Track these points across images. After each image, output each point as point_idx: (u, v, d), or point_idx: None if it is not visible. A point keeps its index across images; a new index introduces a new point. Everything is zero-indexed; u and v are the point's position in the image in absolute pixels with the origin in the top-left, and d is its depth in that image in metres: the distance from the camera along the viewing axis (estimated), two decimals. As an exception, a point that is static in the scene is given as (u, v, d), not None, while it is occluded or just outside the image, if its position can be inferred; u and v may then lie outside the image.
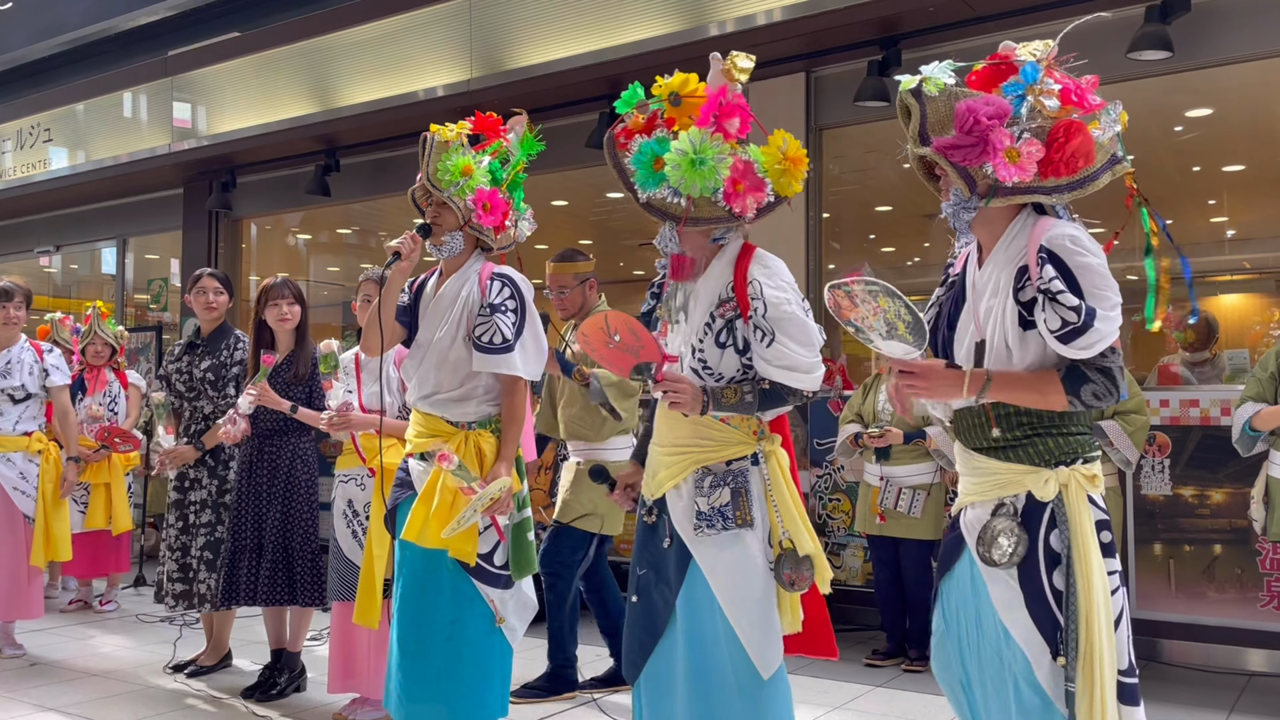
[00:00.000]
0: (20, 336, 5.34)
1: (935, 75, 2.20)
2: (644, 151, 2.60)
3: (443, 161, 3.22)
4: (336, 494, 4.19)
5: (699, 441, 2.69)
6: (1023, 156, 2.13)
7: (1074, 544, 2.15)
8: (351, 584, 4.06)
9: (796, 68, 6.34)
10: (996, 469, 2.24)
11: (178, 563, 4.75)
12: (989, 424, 2.24)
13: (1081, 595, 2.13)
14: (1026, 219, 2.25)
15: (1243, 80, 5.90)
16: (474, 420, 3.28)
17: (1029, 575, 2.18)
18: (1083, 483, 2.19)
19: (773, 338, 2.61)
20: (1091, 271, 2.11)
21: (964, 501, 2.33)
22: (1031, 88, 2.18)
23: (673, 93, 2.65)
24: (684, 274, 2.69)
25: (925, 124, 2.18)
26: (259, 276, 9.65)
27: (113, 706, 4.43)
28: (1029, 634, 2.16)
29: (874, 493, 5.12)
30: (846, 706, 4.42)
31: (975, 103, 2.15)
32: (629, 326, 2.58)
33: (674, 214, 2.61)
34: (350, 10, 7.62)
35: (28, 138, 10.04)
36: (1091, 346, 2.09)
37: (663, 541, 2.73)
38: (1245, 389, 4.32)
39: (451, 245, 3.31)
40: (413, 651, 3.19)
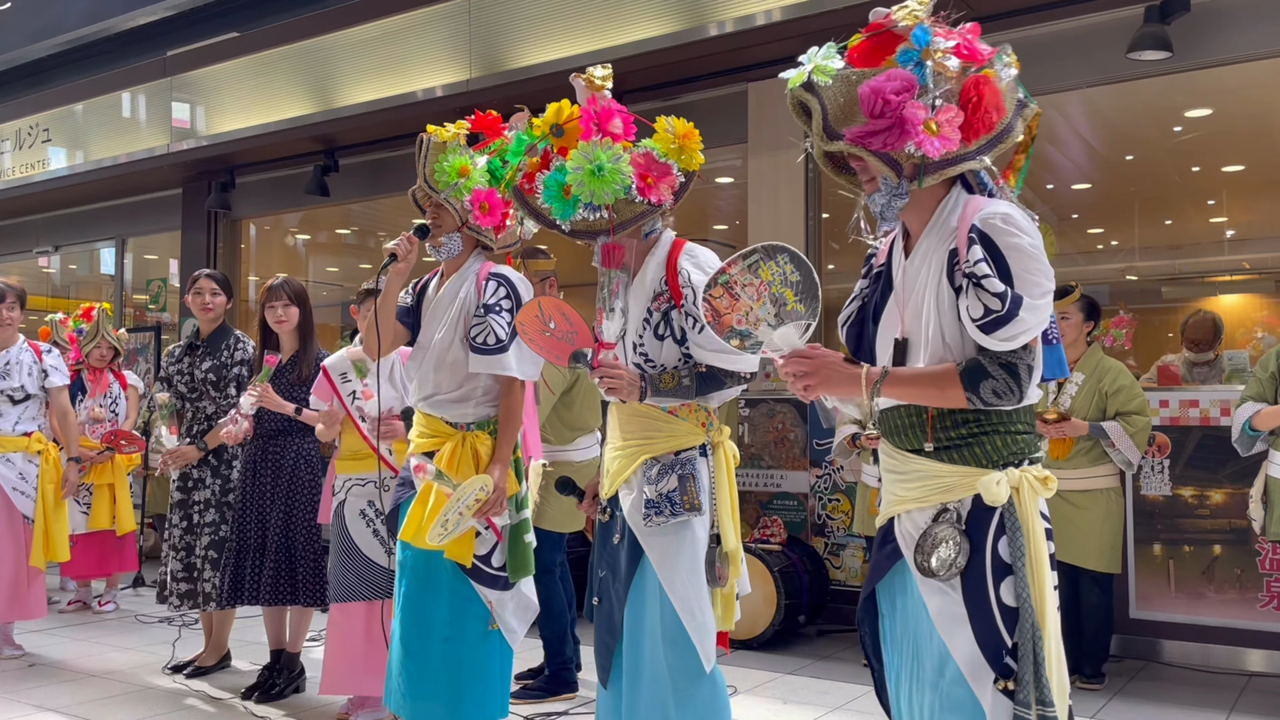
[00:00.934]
0: (18, 337, 5.33)
1: (822, 62, 2.02)
2: (549, 185, 2.66)
3: (439, 162, 3.22)
4: (350, 495, 4.13)
5: (648, 435, 2.73)
6: (942, 125, 1.96)
7: (1029, 552, 1.97)
8: (373, 584, 4.03)
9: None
10: (939, 471, 2.04)
11: (182, 562, 4.75)
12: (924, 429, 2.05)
13: (1038, 609, 1.95)
14: (957, 198, 2.08)
15: (1242, 80, 5.90)
16: (472, 421, 3.27)
17: (973, 587, 1.98)
18: (1035, 485, 2.01)
19: (702, 323, 2.63)
20: (1022, 254, 1.93)
21: (895, 509, 2.12)
22: (927, 50, 2.00)
23: (553, 125, 2.72)
24: (614, 261, 2.72)
25: (828, 117, 2.00)
26: (258, 277, 9.65)
27: (112, 707, 4.42)
28: (971, 652, 1.97)
29: (872, 494, 5.11)
30: (845, 707, 4.42)
31: (878, 82, 1.96)
32: (561, 311, 2.63)
33: (600, 229, 2.67)
34: (349, 10, 7.62)
35: (26, 138, 10.03)
36: (1015, 338, 1.92)
37: (613, 537, 2.77)
38: (1245, 389, 4.32)
39: (450, 246, 3.31)
40: (413, 651, 3.19)
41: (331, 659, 4.10)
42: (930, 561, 1.99)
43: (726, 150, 6.94)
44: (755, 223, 6.46)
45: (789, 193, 6.35)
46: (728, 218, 8.42)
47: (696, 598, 2.66)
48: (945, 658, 2.01)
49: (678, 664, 2.65)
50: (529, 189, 2.75)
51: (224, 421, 4.51)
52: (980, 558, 1.99)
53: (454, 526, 3.07)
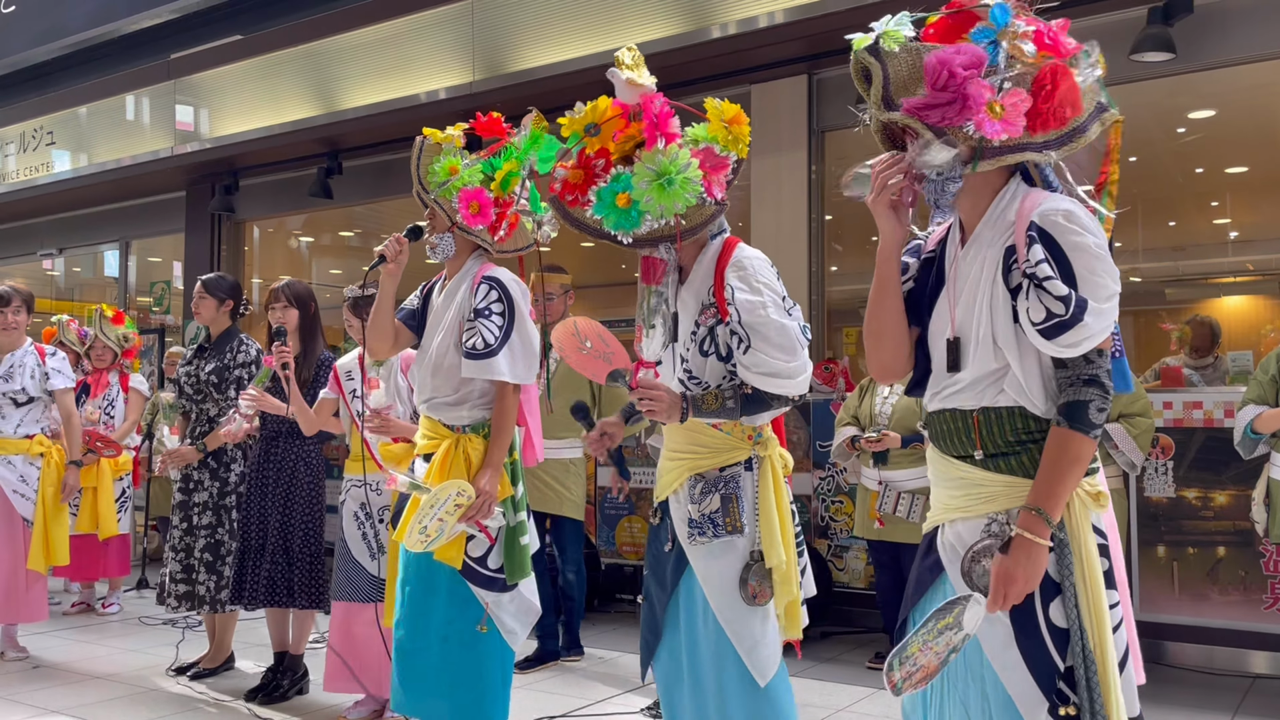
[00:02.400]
0: (25, 340, 5.33)
1: (893, 28, 1.90)
2: (604, 200, 2.47)
3: (432, 164, 3.19)
4: (347, 496, 4.17)
5: (693, 449, 2.66)
6: (1007, 109, 1.84)
7: (1080, 571, 1.86)
8: (358, 585, 4.07)
9: (799, 70, 6.34)
10: (984, 480, 1.93)
11: (181, 564, 4.76)
12: (972, 435, 1.95)
13: (1090, 631, 1.84)
14: (1016, 189, 1.95)
15: (1245, 82, 5.89)
16: (467, 424, 3.24)
17: (1022, 608, 1.86)
18: (1086, 500, 1.90)
19: (749, 344, 2.53)
20: (1087, 254, 1.82)
21: (941, 518, 2.00)
22: (1004, 31, 1.88)
23: (589, 125, 2.55)
24: (655, 277, 2.63)
25: (889, 85, 1.88)
26: (261, 279, 9.66)
27: (115, 709, 4.43)
28: (1021, 678, 1.85)
29: (872, 497, 5.10)
30: (849, 709, 4.42)
31: (946, 54, 1.85)
32: (597, 333, 2.57)
33: (667, 235, 2.52)
34: (353, 13, 7.63)
35: (31, 140, 10.06)
36: (1079, 344, 1.81)
37: (664, 545, 2.74)
38: (1246, 391, 4.31)
39: (442, 248, 3.25)
40: (411, 650, 3.20)
41: (329, 656, 4.15)
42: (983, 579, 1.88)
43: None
44: (758, 224, 6.46)
45: (792, 195, 6.35)
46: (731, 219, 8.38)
47: (741, 616, 2.59)
48: (995, 682, 1.90)
49: (730, 679, 2.60)
50: (573, 200, 2.57)
51: (224, 421, 4.53)
52: None
53: (437, 533, 3.03)
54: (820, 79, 6.41)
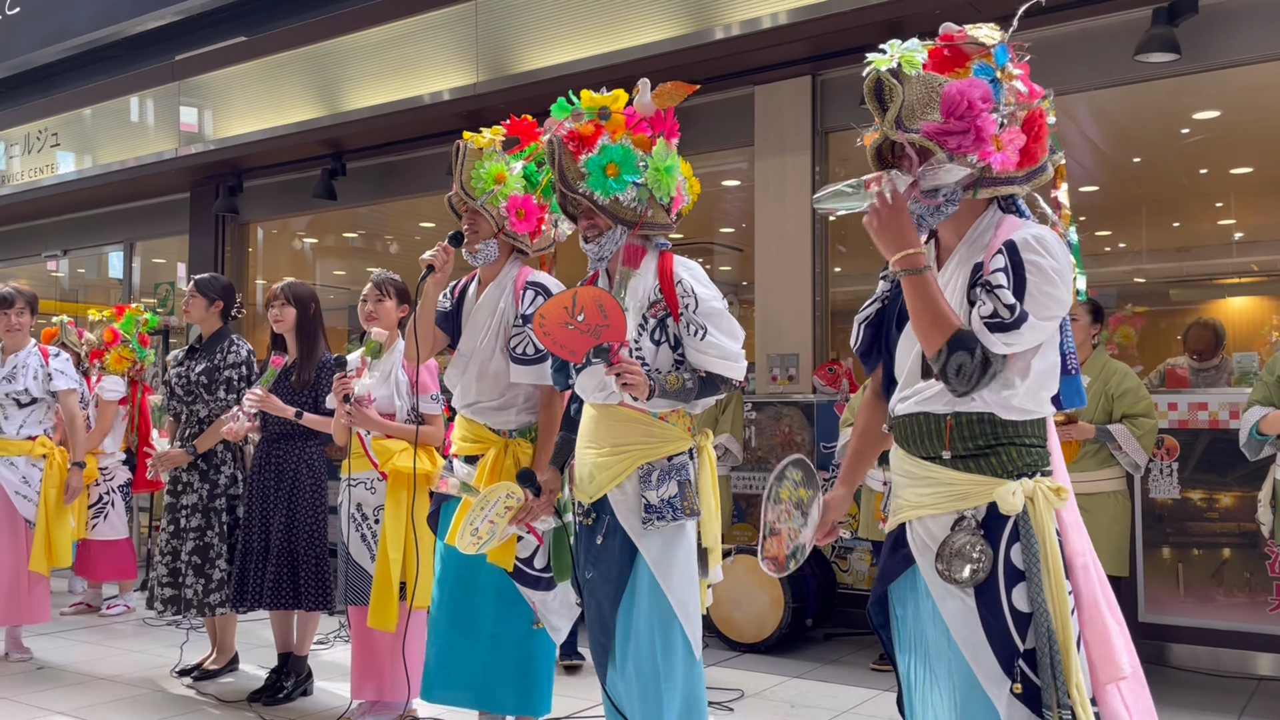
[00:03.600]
0: (29, 341, 5.33)
1: (910, 53, 2.05)
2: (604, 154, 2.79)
3: (476, 169, 3.23)
4: (344, 498, 4.18)
5: (643, 439, 2.83)
6: (1006, 144, 2.01)
7: (1044, 559, 2.01)
8: (360, 589, 4.06)
9: (802, 71, 6.34)
10: (954, 479, 2.08)
11: (168, 567, 4.71)
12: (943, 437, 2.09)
13: (1054, 614, 1.99)
14: (993, 216, 2.12)
15: (1250, 82, 5.88)
16: (514, 429, 3.34)
17: (987, 593, 2.02)
18: (1050, 496, 2.05)
19: (705, 331, 2.79)
20: (1041, 272, 1.97)
21: (908, 515, 2.16)
22: (1003, 70, 2.06)
23: (603, 108, 2.86)
24: (635, 261, 2.88)
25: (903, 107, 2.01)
26: (265, 280, 9.67)
27: (120, 710, 4.43)
28: (985, 658, 2.01)
29: (877, 498, 5.10)
30: (853, 711, 4.41)
31: (965, 85, 2.00)
32: (599, 302, 2.64)
33: (628, 219, 2.82)
34: (357, 15, 7.64)
35: (35, 142, 10.07)
36: (1012, 345, 1.97)
37: (598, 539, 2.86)
38: (1252, 393, 4.30)
39: (486, 252, 3.33)
40: (456, 645, 3.29)
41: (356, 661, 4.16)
42: (961, 573, 2.02)
43: (732, 153, 6.94)
44: (761, 226, 6.45)
45: (795, 195, 6.34)
46: (734, 220, 8.42)
47: (691, 593, 2.82)
48: (961, 662, 2.04)
49: (670, 654, 2.77)
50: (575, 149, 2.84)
51: (225, 418, 4.51)
52: (995, 563, 2.03)
53: (488, 535, 3.09)
54: (824, 80, 6.41)
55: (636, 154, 2.80)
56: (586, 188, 2.79)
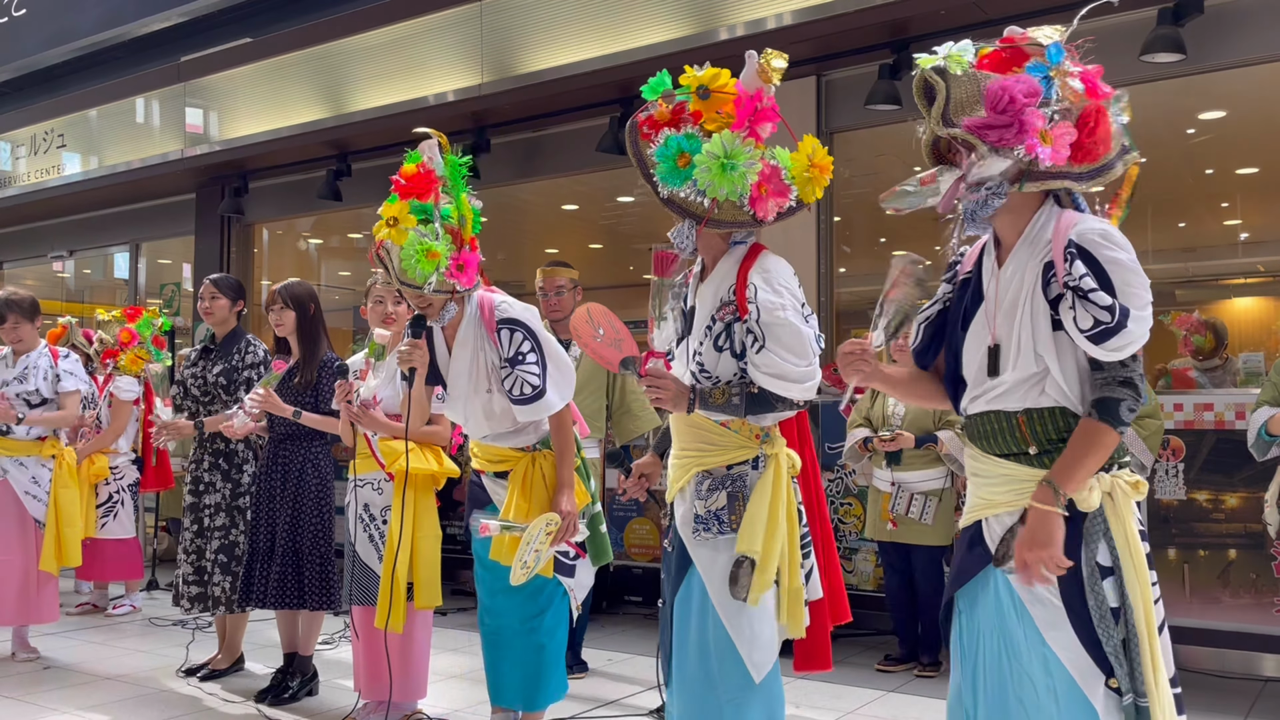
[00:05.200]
0: (38, 342, 5.35)
1: (958, 53, 2.11)
2: (670, 145, 2.54)
3: (405, 259, 3.03)
4: (351, 498, 4.18)
5: (701, 446, 2.69)
6: (1056, 139, 2.04)
7: (1124, 554, 2.04)
8: (366, 589, 4.06)
9: (807, 71, 6.33)
10: (1030, 475, 2.09)
11: (193, 565, 4.77)
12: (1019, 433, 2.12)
13: (1138, 608, 2.02)
14: (1050, 211, 2.15)
15: (1256, 83, 5.87)
16: (536, 443, 3.36)
17: (1072, 591, 2.04)
18: (1127, 490, 2.09)
19: (763, 344, 2.57)
20: (1123, 268, 2.01)
21: (985, 513, 2.17)
22: (1056, 69, 2.10)
23: (702, 86, 2.57)
24: (665, 270, 2.70)
25: (950, 103, 2.07)
26: (271, 281, 9.68)
27: (126, 710, 4.44)
28: (1077, 656, 2.03)
29: (885, 499, 5.10)
30: (858, 712, 4.41)
31: (1008, 81, 2.05)
32: (607, 318, 2.64)
33: (695, 213, 2.58)
34: (362, 16, 7.64)
35: (41, 143, 10.09)
36: (1124, 348, 2.00)
37: (667, 544, 2.80)
38: (1261, 393, 4.29)
39: (448, 314, 3.24)
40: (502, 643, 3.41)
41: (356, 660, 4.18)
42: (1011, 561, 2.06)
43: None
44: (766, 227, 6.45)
45: (800, 196, 6.33)
46: (739, 221, 8.41)
47: (739, 611, 2.61)
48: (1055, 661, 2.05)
49: (726, 674, 2.61)
50: (646, 133, 2.63)
51: (229, 413, 4.54)
52: (1076, 561, 2.04)
53: (535, 562, 3.16)
54: (829, 80, 6.40)
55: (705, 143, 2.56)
56: (657, 178, 2.60)
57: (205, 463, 4.82)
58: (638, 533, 6.59)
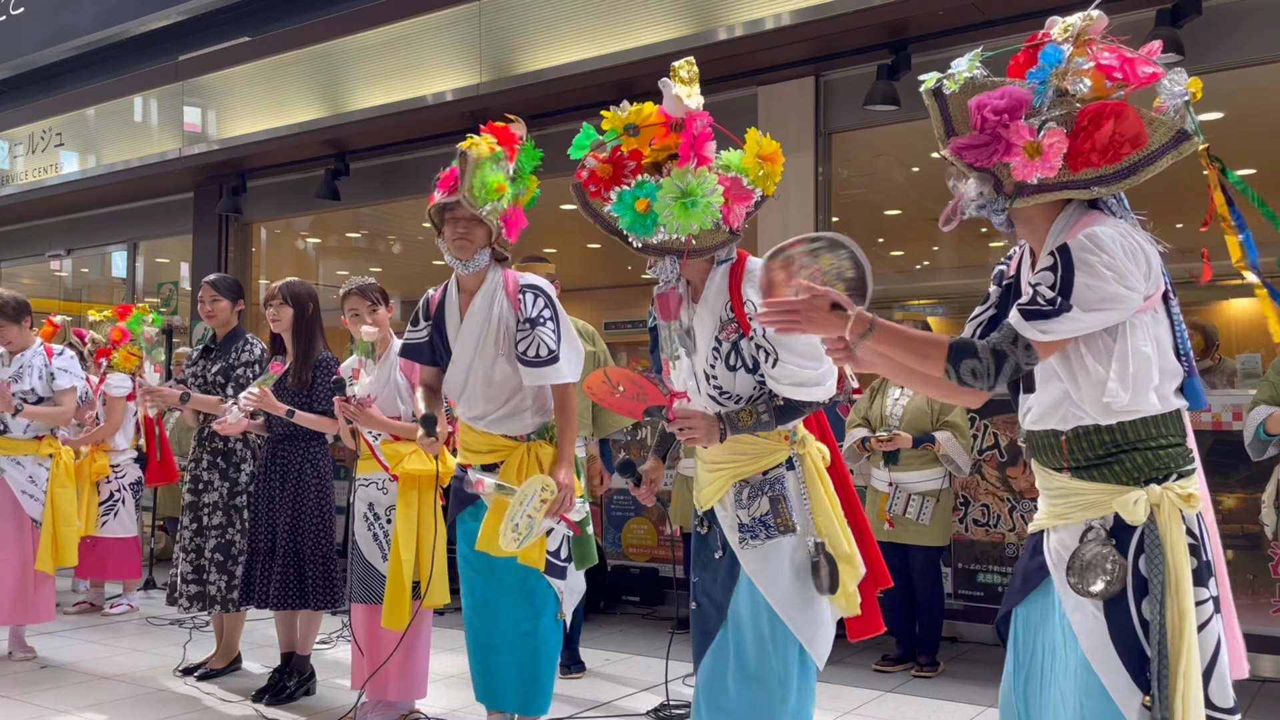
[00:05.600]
0: (33, 341, 5.34)
1: (960, 70, 2.03)
2: (624, 200, 2.51)
3: (478, 179, 3.18)
4: (356, 498, 4.19)
5: (734, 457, 2.71)
6: (1045, 150, 1.94)
7: (1166, 572, 1.95)
8: (372, 588, 4.07)
9: (805, 71, 6.34)
10: (1080, 489, 2.04)
11: (192, 564, 4.77)
12: (1060, 451, 2.07)
13: (1171, 628, 1.93)
14: (1072, 215, 2.05)
15: (1254, 84, 5.87)
16: (531, 432, 3.36)
17: (1115, 604, 1.98)
18: (1176, 502, 1.99)
19: (777, 357, 2.60)
20: (1089, 269, 1.92)
21: (1044, 524, 2.13)
22: (1056, 71, 1.99)
23: (629, 125, 2.56)
24: (672, 313, 2.69)
25: (949, 123, 2.04)
26: (269, 280, 9.68)
27: (123, 709, 4.44)
28: (1114, 670, 1.97)
29: (882, 499, 5.10)
30: (856, 712, 4.41)
31: (986, 96, 1.98)
32: (629, 379, 2.64)
33: (675, 249, 2.57)
34: (360, 15, 7.64)
35: (39, 142, 10.09)
36: (1049, 333, 1.94)
37: (714, 552, 2.78)
38: (1258, 393, 4.29)
39: (479, 261, 3.33)
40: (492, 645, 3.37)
41: (355, 657, 4.19)
42: (1095, 585, 1.98)
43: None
44: (765, 227, 6.45)
45: (799, 197, 6.34)
46: (737, 221, 8.41)
47: (801, 608, 2.65)
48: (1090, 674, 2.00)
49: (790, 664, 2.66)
50: (595, 191, 2.62)
51: (223, 400, 4.56)
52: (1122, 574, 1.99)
53: (526, 530, 3.13)
54: (827, 81, 6.41)
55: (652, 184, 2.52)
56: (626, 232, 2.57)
57: (204, 461, 4.83)
58: (635, 533, 6.59)
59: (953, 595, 5.58)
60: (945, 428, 4.98)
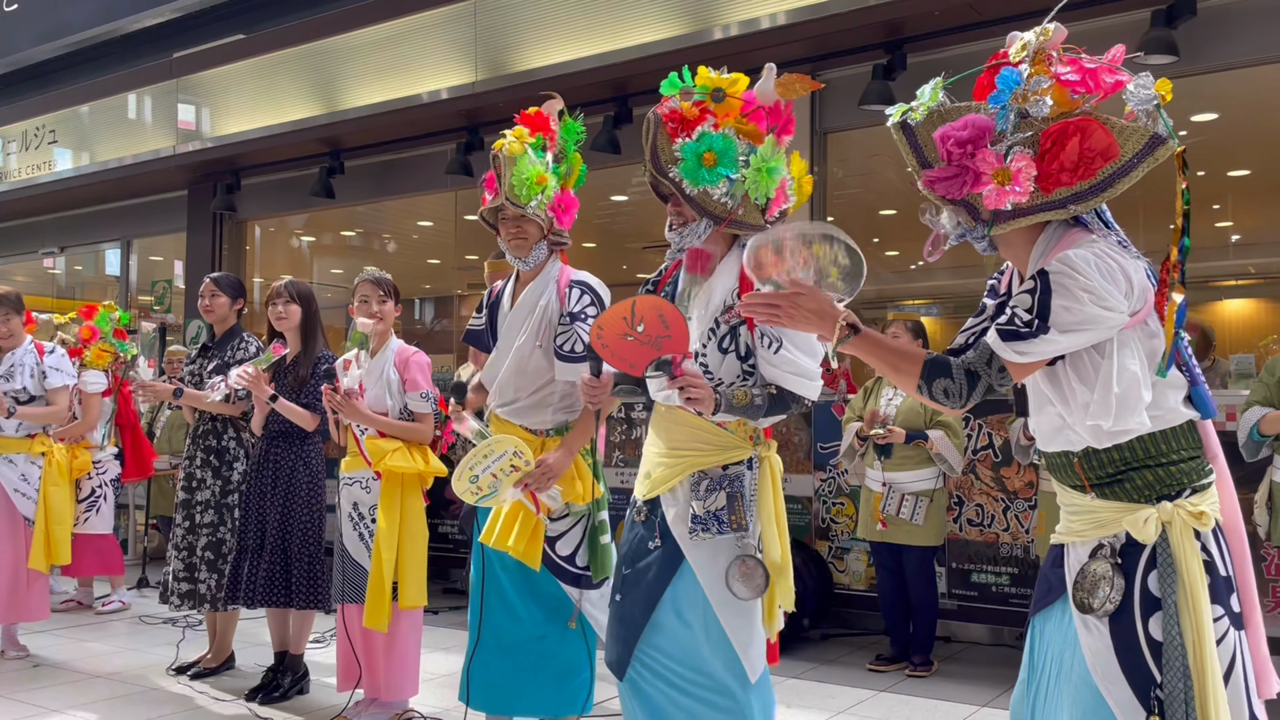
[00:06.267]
0: (24, 339, 5.32)
1: (924, 100, 1.98)
2: (701, 142, 2.57)
3: (517, 175, 3.17)
4: (340, 496, 4.18)
5: (697, 446, 2.68)
6: (1013, 176, 1.90)
7: (1179, 590, 1.91)
8: (359, 586, 4.06)
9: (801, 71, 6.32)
10: (1094, 507, 2.02)
11: (184, 562, 4.76)
12: (1075, 471, 2.05)
13: (1190, 648, 1.88)
14: (1053, 235, 2.02)
15: (1248, 85, 5.89)
16: (550, 428, 3.32)
17: (1121, 621, 1.95)
18: (1189, 520, 1.95)
19: (780, 345, 2.61)
20: (1066, 292, 1.89)
21: (1065, 539, 2.12)
22: (1016, 93, 1.93)
23: (718, 89, 2.63)
24: (702, 268, 2.68)
25: (921, 154, 2.00)
26: (263, 279, 9.66)
27: (117, 708, 4.43)
28: (1119, 688, 1.94)
29: (875, 498, 5.10)
30: (850, 711, 4.42)
31: (948, 128, 1.94)
32: (659, 312, 2.51)
33: (715, 213, 2.60)
34: (355, 13, 7.63)
35: (33, 139, 10.06)
36: (1025, 355, 1.91)
37: (650, 542, 2.71)
38: (1251, 393, 4.30)
39: (538, 255, 3.31)
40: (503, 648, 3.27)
41: (340, 657, 4.18)
42: (1093, 600, 1.97)
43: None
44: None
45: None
46: (732, 221, 8.41)
47: (738, 612, 2.63)
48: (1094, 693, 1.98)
49: (719, 672, 2.62)
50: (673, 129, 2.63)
51: (213, 382, 4.55)
52: (1129, 592, 1.95)
53: (489, 489, 3.10)
54: (823, 80, 6.41)
55: (739, 146, 2.60)
56: (677, 173, 2.59)
57: (198, 459, 4.82)
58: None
59: (946, 595, 5.59)
60: (939, 427, 4.99)
